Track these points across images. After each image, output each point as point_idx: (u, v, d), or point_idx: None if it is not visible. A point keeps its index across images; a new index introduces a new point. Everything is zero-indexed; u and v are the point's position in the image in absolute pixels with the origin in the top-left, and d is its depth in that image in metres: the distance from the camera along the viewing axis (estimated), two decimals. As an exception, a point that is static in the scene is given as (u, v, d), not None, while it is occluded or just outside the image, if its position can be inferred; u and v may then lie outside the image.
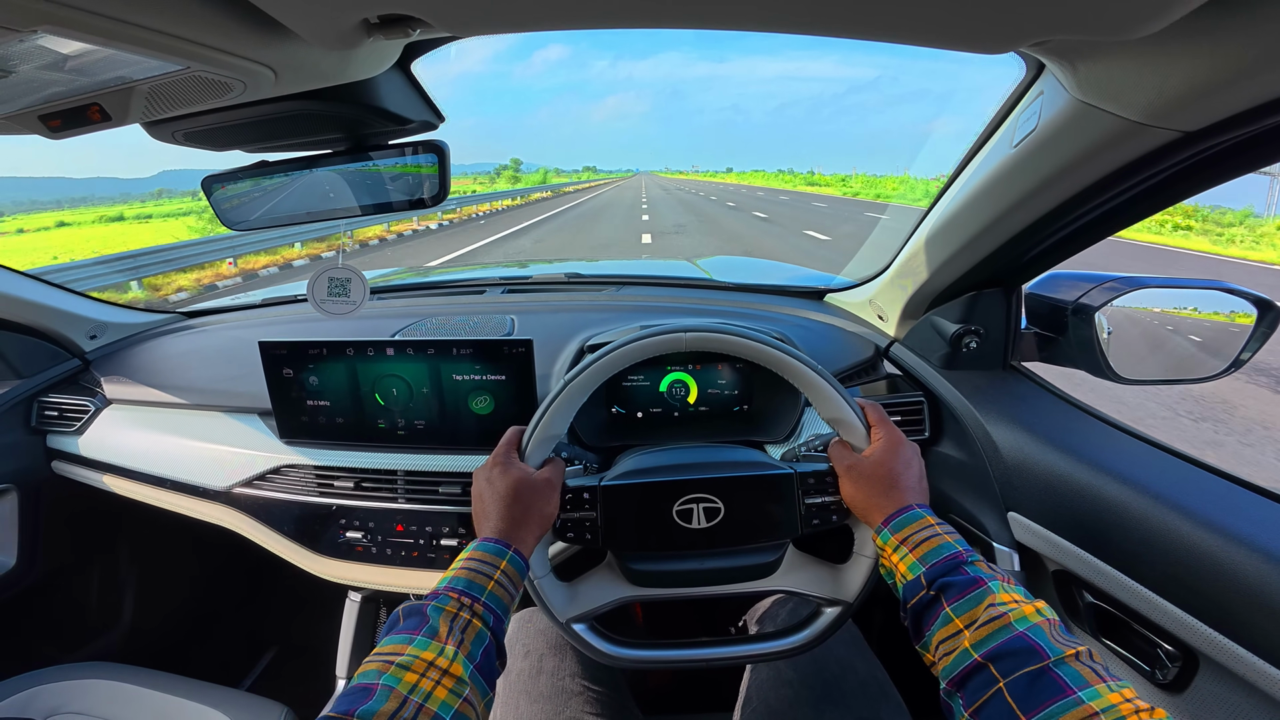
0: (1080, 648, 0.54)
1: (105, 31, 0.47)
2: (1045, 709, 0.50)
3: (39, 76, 0.57)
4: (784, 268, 2.32)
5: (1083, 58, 0.60)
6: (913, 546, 0.67)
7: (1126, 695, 0.49)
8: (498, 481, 0.75)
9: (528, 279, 1.68)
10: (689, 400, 1.13)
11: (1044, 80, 0.71)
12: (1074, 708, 0.49)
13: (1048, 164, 0.73)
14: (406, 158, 0.89)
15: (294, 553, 1.13)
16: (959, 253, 0.95)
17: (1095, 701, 0.49)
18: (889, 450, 0.76)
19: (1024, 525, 0.91)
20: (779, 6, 0.53)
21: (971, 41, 0.56)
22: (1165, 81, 0.56)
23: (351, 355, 1.04)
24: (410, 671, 0.54)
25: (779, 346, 0.79)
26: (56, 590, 1.47)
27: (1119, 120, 0.62)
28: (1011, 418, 0.95)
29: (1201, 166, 0.67)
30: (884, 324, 1.25)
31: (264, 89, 0.66)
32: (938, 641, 0.61)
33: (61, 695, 1.06)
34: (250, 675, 1.72)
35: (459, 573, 0.66)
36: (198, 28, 0.52)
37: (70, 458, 1.31)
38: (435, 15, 0.55)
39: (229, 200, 0.97)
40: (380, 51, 0.70)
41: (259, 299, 1.69)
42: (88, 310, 1.41)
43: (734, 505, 0.81)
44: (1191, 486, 0.76)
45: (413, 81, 0.83)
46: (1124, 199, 0.76)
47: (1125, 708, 0.48)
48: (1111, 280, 0.93)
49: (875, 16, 0.53)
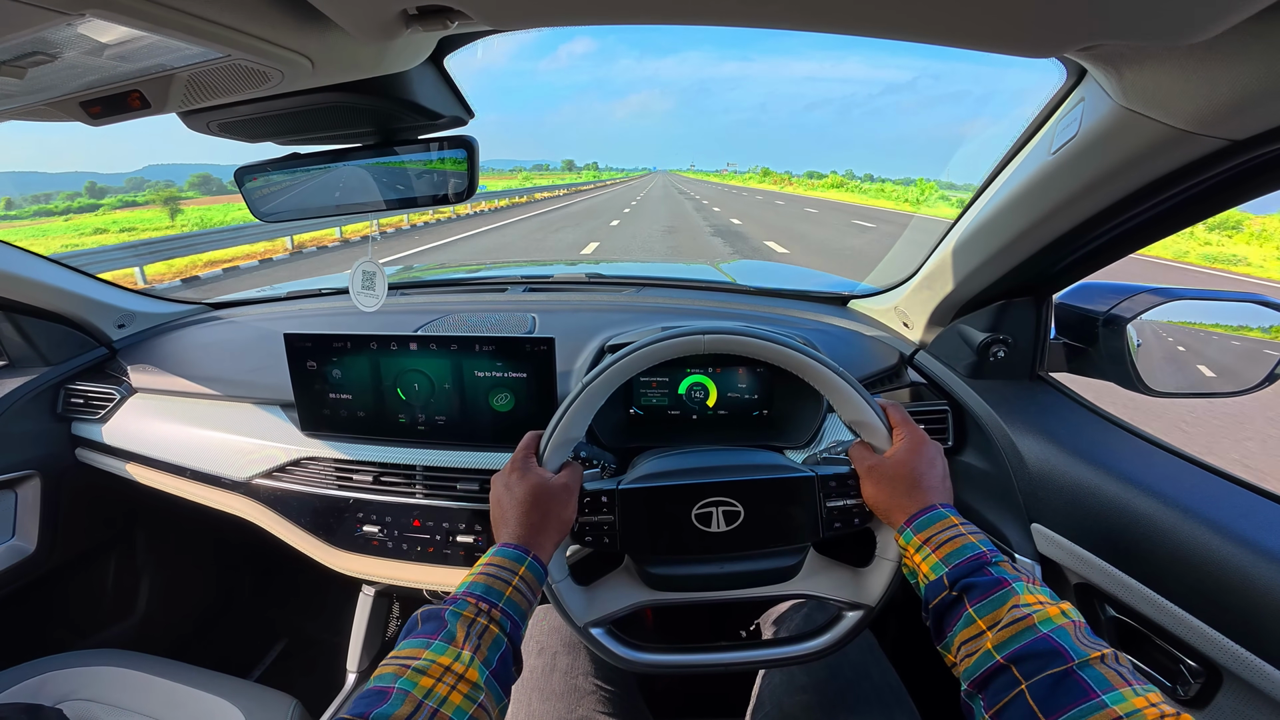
0: (1106, 650, 0.53)
1: (151, 17, 0.48)
2: (1068, 712, 0.49)
3: (82, 62, 0.57)
4: (808, 273, 2.31)
5: (1129, 63, 0.59)
6: (935, 547, 0.66)
7: (1152, 700, 0.48)
8: (516, 487, 0.75)
9: (549, 278, 1.69)
10: (708, 403, 1.12)
11: (1085, 86, 0.69)
12: (1097, 711, 0.48)
13: (1087, 171, 0.72)
14: (434, 153, 0.89)
15: (310, 545, 1.13)
16: (990, 260, 0.94)
17: (1120, 705, 0.47)
18: (912, 450, 0.75)
19: (1047, 537, 0.90)
20: (821, 5, 0.52)
21: (1018, 45, 0.56)
22: (1215, 89, 0.55)
23: (375, 349, 1.04)
24: (426, 676, 0.54)
25: (798, 348, 0.78)
26: (73, 577, 1.48)
27: (1164, 128, 0.61)
28: (1038, 428, 0.94)
29: (1247, 175, 0.65)
30: (909, 331, 1.23)
31: (301, 79, 0.66)
32: (960, 642, 0.60)
33: (72, 681, 1.07)
34: (260, 666, 1.73)
35: (478, 578, 0.66)
36: (242, 15, 0.52)
37: (94, 445, 1.33)
38: (473, 7, 0.55)
39: (260, 191, 0.97)
40: (416, 44, 0.71)
41: (284, 292, 1.71)
42: (117, 299, 1.43)
43: (754, 509, 0.80)
44: (1222, 501, 0.75)
45: (445, 76, 0.83)
46: (1163, 208, 0.74)
47: (1150, 712, 0.47)
48: (1145, 291, 0.91)
49: (919, 18, 0.53)
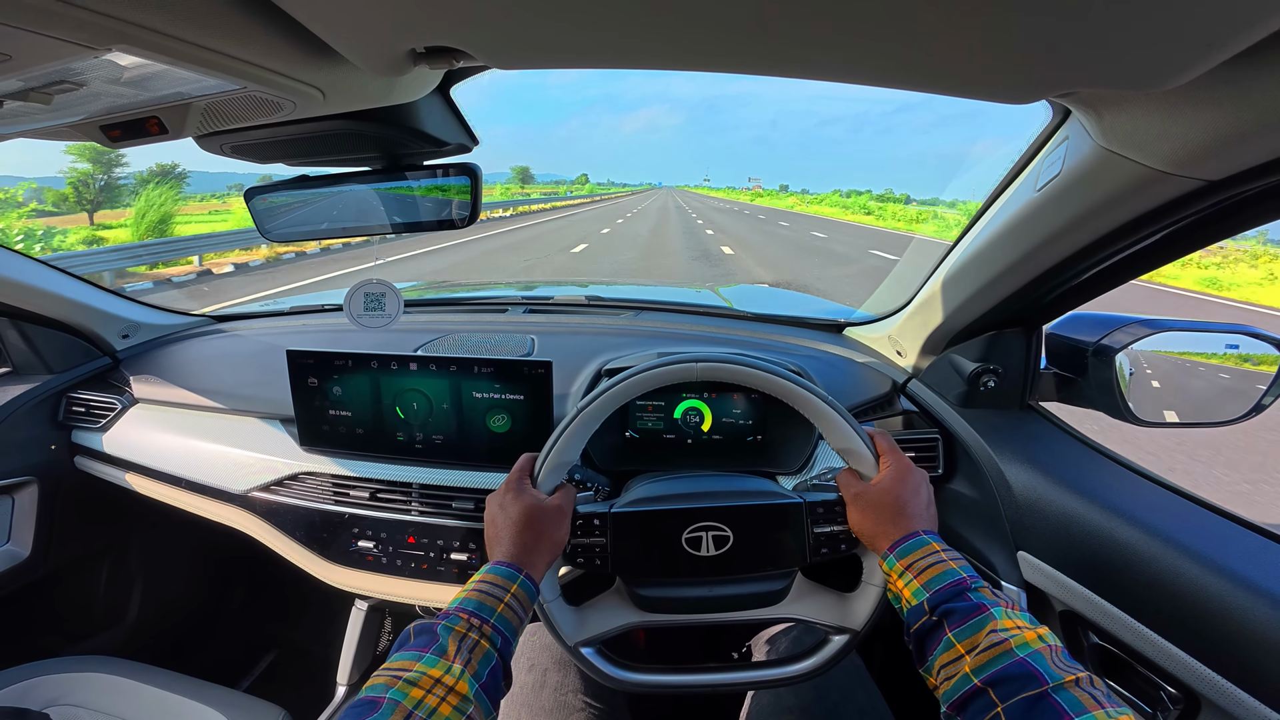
0: (1081, 674, 0.54)
1: (173, 51, 0.50)
2: None
3: (105, 90, 0.60)
4: (805, 299, 2.33)
5: (1108, 107, 0.61)
6: (918, 572, 0.68)
7: None
8: (510, 507, 0.77)
9: (549, 299, 1.71)
10: (703, 428, 1.13)
11: (1069, 126, 0.72)
12: None
13: (1070, 208, 0.74)
14: (439, 179, 0.92)
15: (305, 559, 1.14)
16: (980, 292, 0.96)
17: None
18: (897, 478, 0.76)
19: (1033, 565, 0.90)
20: (808, 55, 0.55)
21: (997, 92, 0.58)
22: (1189, 132, 0.57)
23: (375, 368, 1.06)
24: (417, 687, 0.55)
25: (789, 377, 0.80)
26: (65, 584, 1.49)
27: (1142, 168, 0.63)
28: (1026, 457, 0.95)
29: (1224, 214, 0.68)
30: (902, 359, 1.25)
31: (312, 108, 0.69)
32: (940, 665, 0.61)
33: (60, 687, 1.07)
34: (249, 676, 1.73)
35: (470, 594, 0.67)
36: (258, 51, 0.55)
37: (93, 454, 1.34)
38: (478, 49, 0.57)
39: (267, 210, 1.00)
40: (423, 78, 0.74)
41: (287, 307, 1.73)
42: (122, 309, 1.45)
43: (743, 534, 0.81)
44: (1202, 530, 0.76)
45: (451, 106, 0.86)
46: (1146, 244, 0.76)
47: None
48: (1134, 323, 0.93)
49: (903, 66, 0.55)
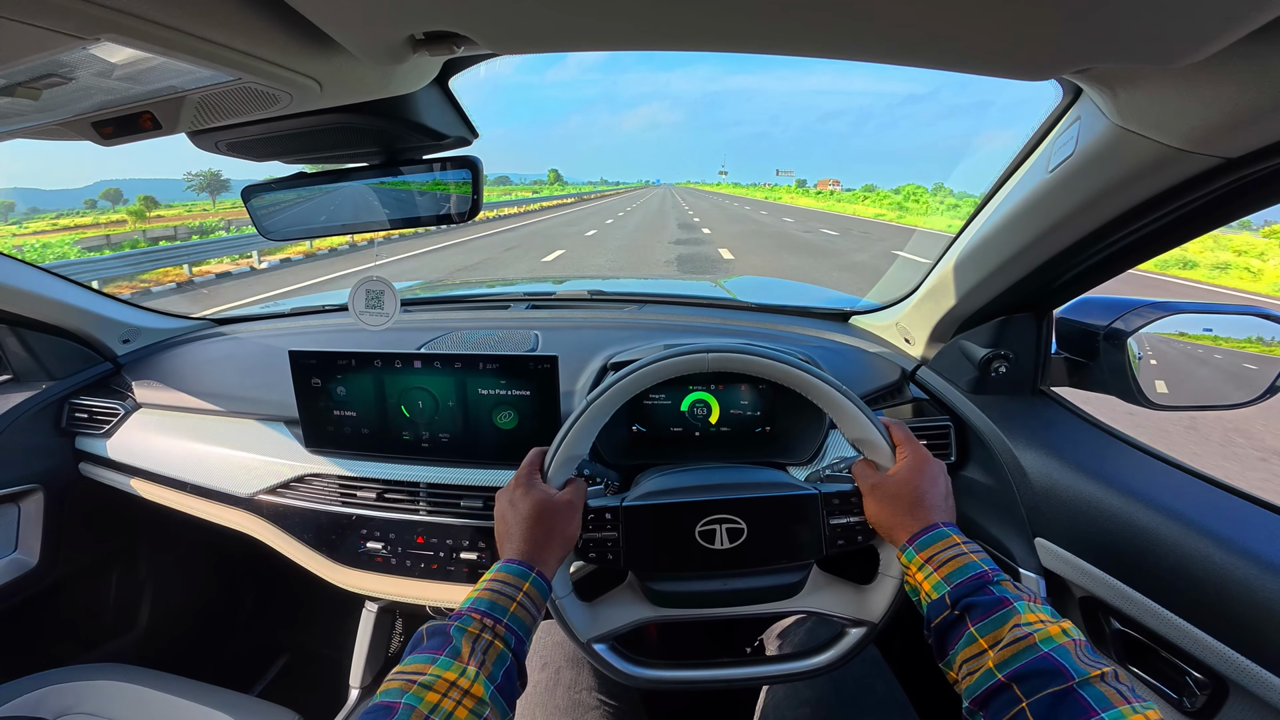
0: (1106, 668, 0.53)
1: (165, 41, 0.49)
2: None
3: (96, 84, 0.58)
4: (809, 289, 2.32)
5: (1123, 84, 0.60)
6: (938, 565, 0.66)
7: (1150, 718, 0.48)
8: (520, 503, 0.75)
9: (552, 295, 1.69)
10: (711, 420, 1.12)
11: (1081, 105, 0.70)
12: None
13: (1084, 189, 0.73)
14: (438, 173, 0.91)
15: (314, 561, 1.13)
16: (990, 276, 0.94)
17: None
18: (914, 468, 0.75)
19: (1051, 551, 0.89)
20: (815, 33, 0.53)
21: (1012, 68, 0.56)
22: (1208, 109, 0.56)
23: (379, 367, 1.05)
24: (432, 691, 0.54)
25: (802, 366, 0.79)
26: (74, 591, 1.48)
27: (1159, 146, 0.62)
28: (1040, 443, 0.94)
29: (1242, 192, 0.66)
30: (910, 347, 1.24)
31: (309, 101, 0.68)
32: (962, 661, 0.60)
33: (72, 696, 1.07)
34: (261, 681, 1.72)
35: (482, 594, 0.66)
36: (252, 40, 0.54)
37: (98, 460, 1.33)
38: (478, 33, 0.56)
39: (265, 209, 0.99)
40: (422, 67, 0.72)
41: (288, 308, 1.72)
42: (121, 314, 1.44)
43: (757, 526, 0.80)
44: (1224, 513, 0.75)
45: (450, 98, 0.85)
46: (1160, 224, 0.75)
47: None
48: (1145, 305, 0.92)
49: (915, 43, 0.54)
